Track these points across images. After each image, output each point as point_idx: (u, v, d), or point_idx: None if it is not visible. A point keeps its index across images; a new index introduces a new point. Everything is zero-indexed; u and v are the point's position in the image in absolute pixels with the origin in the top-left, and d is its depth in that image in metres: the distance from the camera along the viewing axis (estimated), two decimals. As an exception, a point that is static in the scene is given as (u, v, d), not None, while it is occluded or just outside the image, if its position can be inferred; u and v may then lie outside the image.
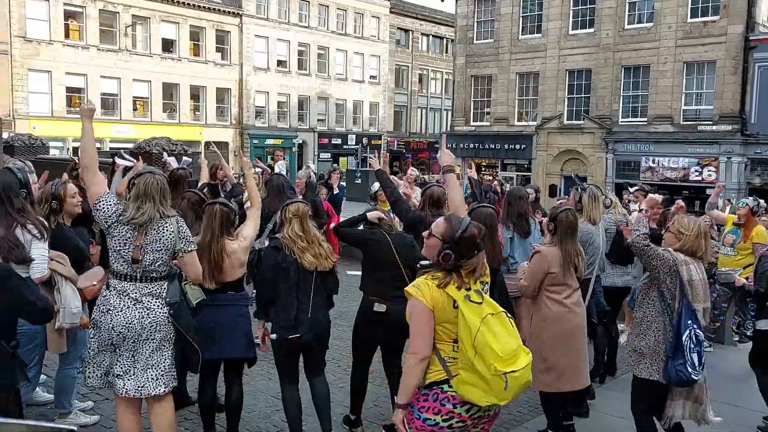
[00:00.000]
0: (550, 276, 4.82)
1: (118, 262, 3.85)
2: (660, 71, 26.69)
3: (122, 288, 3.85)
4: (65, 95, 31.34)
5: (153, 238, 3.81)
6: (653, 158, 27.24)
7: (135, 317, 3.81)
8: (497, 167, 31.88)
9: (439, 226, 3.16)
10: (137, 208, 3.78)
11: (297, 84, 40.76)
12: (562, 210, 5.02)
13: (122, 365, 3.88)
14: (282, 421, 5.20)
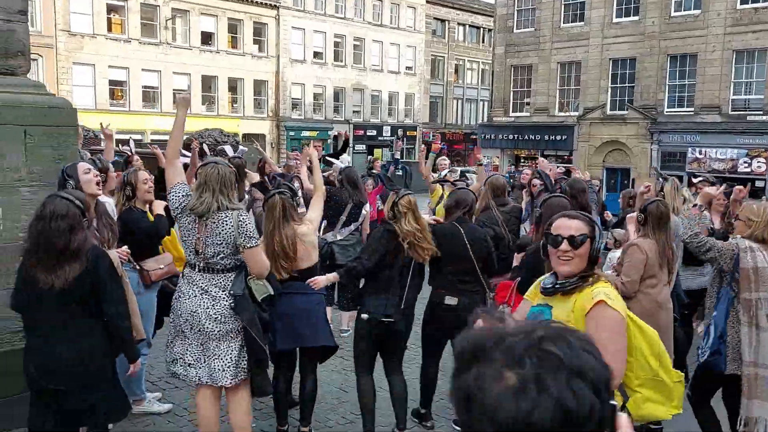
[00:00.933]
0: (647, 269, 4.62)
1: (187, 252, 3.91)
2: (708, 60, 25.94)
3: (191, 277, 3.91)
4: (108, 88, 31.80)
5: (212, 231, 3.78)
6: (700, 149, 26.51)
7: (200, 306, 3.82)
8: (537, 158, 31.40)
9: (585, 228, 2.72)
10: (198, 197, 3.79)
11: (333, 75, 40.74)
12: (652, 201, 4.88)
13: (192, 354, 3.90)
14: (351, 413, 5.15)
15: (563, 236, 2.66)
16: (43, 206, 3.32)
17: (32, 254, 3.28)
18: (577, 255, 2.65)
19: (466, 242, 4.70)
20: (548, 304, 2.70)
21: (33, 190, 4.50)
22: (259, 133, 36.11)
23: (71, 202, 3.32)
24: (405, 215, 4.46)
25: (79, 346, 3.29)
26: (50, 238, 3.20)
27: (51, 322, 3.28)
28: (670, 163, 27.22)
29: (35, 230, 3.26)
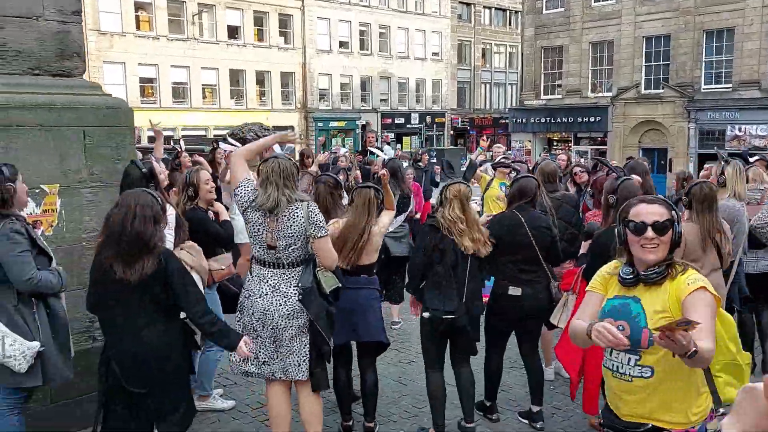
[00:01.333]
0: (687, 253, 4.43)
1: (256, 248, 3.84)
2: (745, 34, 25.21)
3: (261, 274, 3.84)
4: (139, 86, 32.09)
5: (284, 224, 3.75)
6: (739, 126, 25.85)
7: (273, 304, 3.78)
8: (570, 141, 30.96)
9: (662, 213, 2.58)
10: (264, 193, 3.76)
11: (359, 64, 40.59)
12: (696, 183, 4.78)
13: (266, 351, 3.85)
14: (412, 407, 5.10)
15: (647, 223, 2.52)
16: (126, 197, 3.31)
17: (110, 245, 3.21)
18: (662, 242, 2.52)
19: (527, 231, 4.60)
20: (634, 296, 2.55)
21: (94, 191, 4.51)
22: (287, 125, 36.11)
23: (154, 198, 3.32)
24: (450, 203, 4.37)
25: (155, 346, 3.27)
26: (134, 227, 3.15)
27: (127, 321, 3.25)
28: (708, 142, 26.60)
29: (118, 218, 3.20)
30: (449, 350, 4.59)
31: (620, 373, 2.56)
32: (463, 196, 4.38)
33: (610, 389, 2.67)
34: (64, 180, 4.39)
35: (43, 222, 4.29)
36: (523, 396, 5.22)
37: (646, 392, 2.51)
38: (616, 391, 2.61)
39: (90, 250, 4.47)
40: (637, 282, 2.56)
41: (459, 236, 4.30)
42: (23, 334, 3.35)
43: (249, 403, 5.13)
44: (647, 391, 2.51)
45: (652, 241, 2.52)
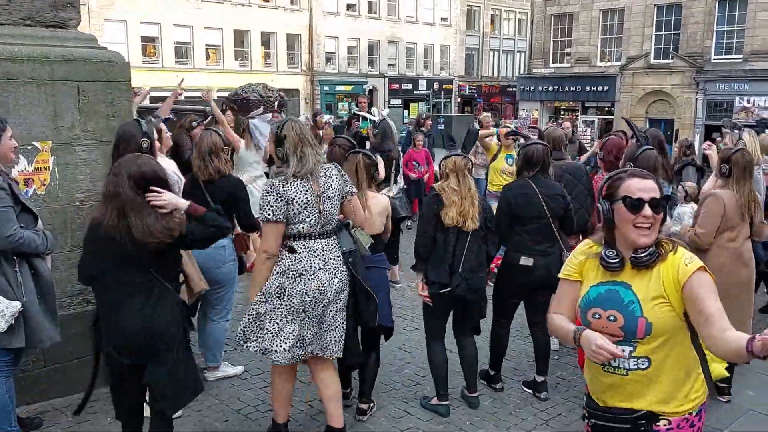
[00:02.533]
0: (725, 220, 4.40)
1: (304, 223, 3.50)
2: (759, 2, 24.67)
3: (311, 248, 3.55)
4: (140, 44, 31.62)
5: (325, 184, 3.55)
6: (748, 98, 25.46)
7: (326, 278, 3.57)
8: (578, 111, 30.59)
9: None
10: (300, 156, 3.47)
11: (367, 28, 39.91)
12: (737, 150, 4.61)
13: (312, 331, 3.62)
14: (416, 375, 5.03)
15: (644, 200, 2.25)
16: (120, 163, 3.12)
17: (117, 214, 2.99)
18: (657, 221, 2.27)
19: (540, 200, 4.44)
20: (623, 281, 2.31)
21: (88, 149, 4.35)
22: (293, 89, 35.69)
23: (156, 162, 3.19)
24: (447, 177, 4.26)
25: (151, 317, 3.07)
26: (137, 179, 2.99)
27: (122, 287, 3.08)
28: (715, 113, 26.26)
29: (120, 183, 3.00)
30: (452, 321, 4.48)
31: (613, 368, 2.33)
32: (459, 169, 4.24)
33: (599, 384, 2.43)
34: (57, 137, 4.23)
35: (36, 180, 4.15)
36: (527, 366, 5.14)
37: (643, 384, 2.31)
38: (608, 385, 2.39)
39: (84, 210, 4.36)
40: (624, 266, 2.31)
41: (447, 208, 4.17)
42: (4, 292, 3.21)
43: (248, 369, 5.05)
44: (644, 384, 2.31)
45: (648, 219, 2.25)
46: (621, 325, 2.26)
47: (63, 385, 4.37)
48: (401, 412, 4.45)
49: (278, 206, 3.43)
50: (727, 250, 4.41)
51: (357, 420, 4.30)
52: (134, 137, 3.95)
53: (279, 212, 3.43)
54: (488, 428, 4.27)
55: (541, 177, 4.54)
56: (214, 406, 4.47)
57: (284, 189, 3.43)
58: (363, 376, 4.37)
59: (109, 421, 4.17)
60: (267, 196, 3.44)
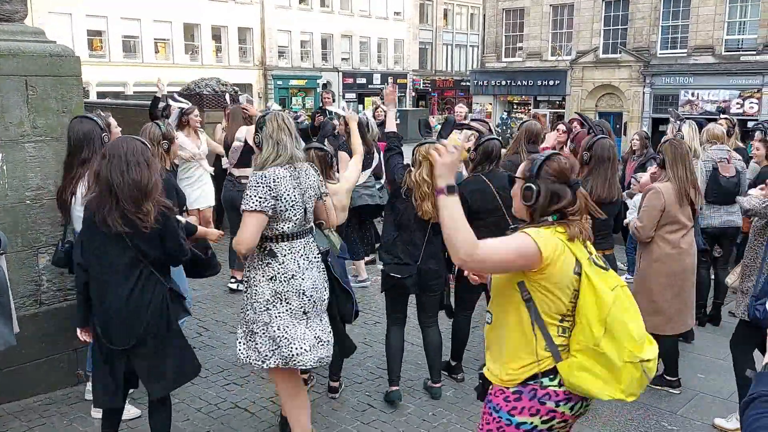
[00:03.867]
0: (665, 214, 4.50)
1: (289, 222, 3.37)
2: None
3: (294, 248, 3.41)
4: (86, 38, 30.74)
5: (305, 180, 3.45)
6: (692, 91, 26.30)
7: (317, 277, 3.49)
8: (530, 104, 31.07)
9: (520, 166, 2.60)
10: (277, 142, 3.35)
11: (320, 22, 39.67)
12: (666, 140, 4.77)
13: (324, 329, 3.52)
14: (377, 368, 5.04)
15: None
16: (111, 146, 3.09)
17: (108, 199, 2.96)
18: (513, 195, 2.57)
19: (495, 193, 4.51)
20: None
21: (38, 146, 4.21)
22: (245, 83, 35.26)
23: (141, 142, 3.11)
24: (420, 164, 4.26)
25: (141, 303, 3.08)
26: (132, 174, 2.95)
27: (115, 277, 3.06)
28: (662, 106, 27.01)
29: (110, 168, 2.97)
30: (417, 312, 4.53)
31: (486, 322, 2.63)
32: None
33: None
34: (5, 134, 4.08)
35: (-17, 178, 4.01)
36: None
37: (489, 335, 2.57)
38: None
39: (35, 209, 4.23)
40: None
41: (420, 200, 4.19)
42: None
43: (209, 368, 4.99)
44: (489, 335, 2.57)
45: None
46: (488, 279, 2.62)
47: (16, 389, 4.24)
48: (364, 405, 4.47)
49: (267, 198, 3.24)
50: (669, 243, 4.52)
51: (329, 398, 4.41)
52: (96, 136, 3.92)
53: (266, 204, 3.24)
54: (450, 418, 4.32)
55: (495, 170, 4.61)
56: (175, 405, 4.37)
57: (275, 184, 3.27)
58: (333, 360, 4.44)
59: (65, 424, 4.08)
60: (257, 187, 3.24)
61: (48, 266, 4.31)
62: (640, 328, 2.36)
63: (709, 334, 5.91)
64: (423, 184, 4.19)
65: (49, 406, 4.29)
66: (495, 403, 2.45)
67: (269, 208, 3.24)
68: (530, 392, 2.40)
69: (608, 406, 4.48)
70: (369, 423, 4.24)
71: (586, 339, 2.32)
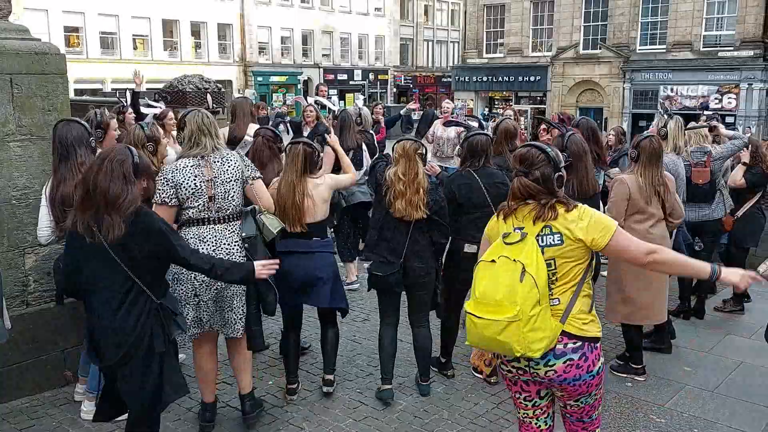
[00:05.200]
0: (632, 204, 4.64)
1: (193, 208, 3.66)
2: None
3: (199, 234, 3.68)
4: (63, 35, 30.27)
5: (219, 168, 3.67)
6: (672, 87, 26.61)
7: None
8: (511, 100, 31.20)
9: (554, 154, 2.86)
10: (196, 143, 3.66)
11: (300, 18, 39.48)
12: (645, 137, 4.82)
13: (208, 312, 3.79)
14: (368, 365, 5.05)
15: None
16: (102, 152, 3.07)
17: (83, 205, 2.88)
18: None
19: (482, 188, 4.53)
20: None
21: (24, 145, 4.16)
22: (225, 79, 35.00)
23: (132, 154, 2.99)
24: (396, 162, 4.27)
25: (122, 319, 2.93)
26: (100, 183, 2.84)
27: (95, 288, 2.94)
28: (642, 102, 27.32)
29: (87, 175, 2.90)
30: (408, 310, 4.55)
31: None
32: (408, 154, 4.22)
33: None
34: (-10, 133, 4.03)
35: (-32, 178, 3.94)
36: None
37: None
38: None
39: (21, 209, 4.18)
40: None
41: (393, 198, 4.19)
42: None
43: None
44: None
45: None
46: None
47: (3, 391, 4.19)
48: (356, 402, 4.47)
49: (166, 190, 3.56)
50: (637, 232, 4.53)
51: (324, 392, 4.46)
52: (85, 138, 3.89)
53: (166, 195, 3.56)
54: (441, 414, 4.34)
55: (483, 166, 4.62)
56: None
57: (172, 174, 3.58)
58: (323, 349, 4.50)
59: (54, 425, 4.04)
60: (159, 181, 3.55)
61: (35, 267, 4.26)
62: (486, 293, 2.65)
63: (694, 327, 5.99)
64: (398, 182, 4.19)
65: (37, 407, 4.24)
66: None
67: (169, 199, 3.58)
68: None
69: (597, 400, 4.54)
70: (361, 420, 4.25)
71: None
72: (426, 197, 4.24)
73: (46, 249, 4.19)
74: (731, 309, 6.32)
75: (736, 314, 6.30)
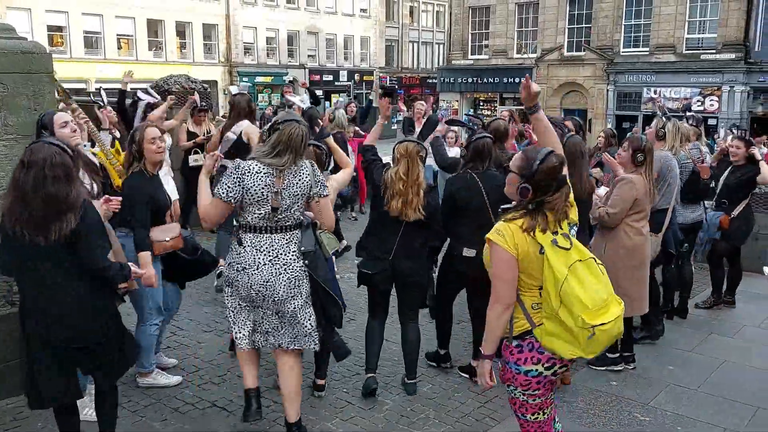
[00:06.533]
0: (636, 203, 4.75)
1: (254, 214, 3.49)
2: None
3: (257, 243, 3.52)
4: (47, 34, 29.99)
5: (290, 182, 3.48)
6: (654, 89, 26.85)
7: (272, 274, 3.52)
8: (496, 101, 31.34)
9: (516, 160, 2.86)
10: (278, 153, 3.45)
11: (285, 18, 39.41)
12: (646, 141, 4.95)
13: (270, 322, 3.68)
14: (354, 365, 5.06)
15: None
16: (32, 152, 2.94)
17: (20, 208, 2.91)
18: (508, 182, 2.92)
19: (483, 193, 4.51)
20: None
21: (9, 144, 4.13)
22: (211, 80, 34.84)
23: (64, 150, 2.98)
24: (398, 162, 4.29)
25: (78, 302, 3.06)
26: (47, 188, 2.87)
27: (45, 281, 3.00)
28: (626, 104, 27.54)
29: (26, 178, 2.89)
30: (398, 306, 4.58)
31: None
32: (411, 155, 4.25)
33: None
34: (-25, 132, 4.00)
35: (-47, 177, 3.91)
36: (462, 351, 5.28)
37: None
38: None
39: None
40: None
41: (391, 198, 4.22)
42: None
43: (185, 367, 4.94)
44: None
45: None
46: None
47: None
48: (343, 402, 4.49)
49: (233, 188, 3.42)
50: (636, 231, 4.78)
51: (315, 396, 4.47)
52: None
53: (232, 194, 3.43)
54: (428, 413, 4.37)
55: (487, 169, 4.62)
56: (152, 405, 4.36)
57: (242, 175, 3.41)
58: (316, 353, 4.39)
59: (40, 426, 4.01)
60: (228, 177, 3.43)
61: (20, 267, 4.22)
62: (598, 296, 2.72)
63: (678, 327, 6.07)
64: (398, 181, 4.21)
65: (23, 408, 4.19)
66: (505, 356, 2.90)
67: (233, 200, 3.43)
68: (529, 345, 2.83)
69: (582, 399, 4.59)
70: (348, 419, 4.26)
71: (549, 309, 2.74)
72: (424, 199, 4.28)
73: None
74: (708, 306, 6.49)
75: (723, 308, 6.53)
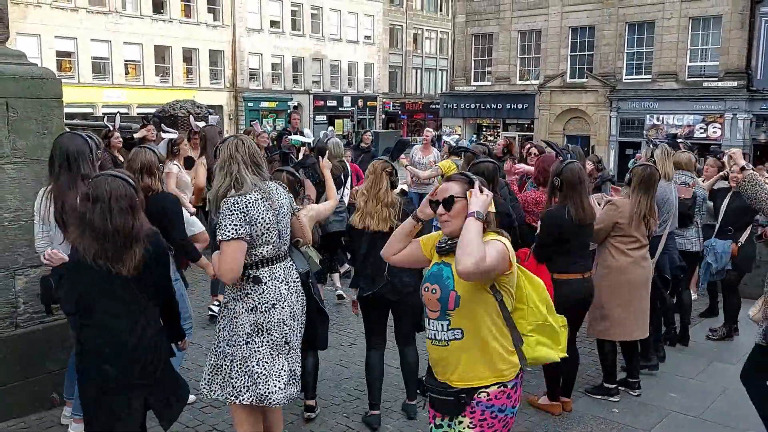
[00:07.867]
0: (618, 227, 4.78)
1: (267, 245, 3.26)
2: (665, 27, 26.30)
3: (273, 275, 3.29)
4: (55, 59, 30.43)
5: (279, 203, 3.36)
6: (657, 116, 27.01)
7: (294, 303, 3.38)
8: (499, 127, 31.55)
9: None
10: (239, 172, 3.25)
11: (291, 45, 39.92)
12: (640, 165, 4.99)
13: (298, 364, 3.44)
14: (355, 389, 5.06)
15: (438, 200, 2.72)
16: (96, 187, 2.93)
17: (91, 242, 2.88)
18: (452, 216, 2.68)
19: None
20: (446, 262, 2.70)
21: (18, 167, 4.20)
22: (216, 105, 35.18)
23: (126, 182, 2.96)
24: (367, 178, 4.34)
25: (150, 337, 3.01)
26: (114, 223, 2.87)
27: (120, 314, 2.96)
28: (628, 130, 27.69)
29: (95, 215, 2.88)
30: (395, 330, 4.57)
31: (437, 340, 2.70)
32: (376, 172, 4.27)
33: (431, 358, 2.79)
34: (-16, 155, 4.07)
35: (-39, 200, 3.97)
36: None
37: (460, 353, 2.65)
38: (436, 357, 2.74)
39: (12, 231, 4.21)
40: (449, 251, 2.68)
41: (355, 213, 4.27)
42: None
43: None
44: (460, 352, 2.65)
45: (443, 216, 2.70)
46: (438, 296, 2.65)
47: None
48: (342, 427, 4.48)
49: (242, 225, 3.13)
50: (622, 252, 4.80)
51: (307, 419, 4.43)
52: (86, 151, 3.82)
53: (242, 230, 3.13)
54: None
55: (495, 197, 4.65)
56: (153, 429, 4.36)
57: (246, 209, 3.15)
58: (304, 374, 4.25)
59: (42, 449, 4.03)
60: (231, 215, 3.13)
61: (25, 288, 4.27)
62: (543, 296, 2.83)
63: (680, 354, 6.06)
64: (360, 197, 4.28)
65: (24, 430, 4.22)
66: (500, 404, 2.66)
67: (246, 234, 3.14)
68: (520, 380, 2.74)
69: (584, 426, 4.57)
70: (348, 444, 4.26)
71: (536, 318, 2.76)
72: (400, 210, 4.25)
73: (37, 271, 4.21)
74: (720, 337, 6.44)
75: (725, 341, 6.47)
